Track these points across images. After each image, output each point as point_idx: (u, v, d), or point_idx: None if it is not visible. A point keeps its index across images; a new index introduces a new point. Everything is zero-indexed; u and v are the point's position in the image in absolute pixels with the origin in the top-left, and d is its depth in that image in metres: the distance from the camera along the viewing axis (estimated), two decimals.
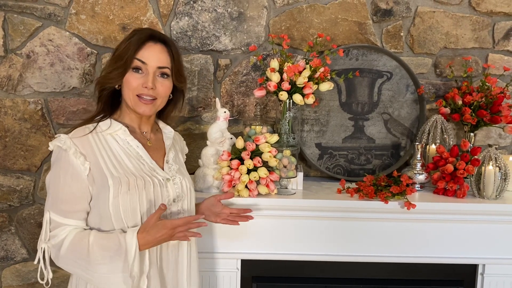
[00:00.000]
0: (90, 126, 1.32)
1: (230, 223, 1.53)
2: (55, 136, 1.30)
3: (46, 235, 1.27)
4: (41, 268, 1.29)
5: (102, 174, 1.26)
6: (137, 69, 1.32)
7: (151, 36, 1.34)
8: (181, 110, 1.54)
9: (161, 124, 1.50)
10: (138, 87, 1.31)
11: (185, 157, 1.61)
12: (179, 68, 1.39)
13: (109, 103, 1.38)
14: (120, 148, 1.32)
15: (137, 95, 1.32)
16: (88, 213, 1.29)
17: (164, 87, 1.35)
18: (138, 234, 1.23)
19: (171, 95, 1.42)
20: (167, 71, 1.35)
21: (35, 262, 1.29)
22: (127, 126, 1.37)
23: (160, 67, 1.33)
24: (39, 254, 1.28)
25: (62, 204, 1.26)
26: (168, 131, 1.48)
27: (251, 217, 1.55)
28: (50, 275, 1.31)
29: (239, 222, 1.54)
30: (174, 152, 1.47)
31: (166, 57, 1.35)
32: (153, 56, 1.32)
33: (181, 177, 1.40)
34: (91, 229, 1.28)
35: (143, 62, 1.31)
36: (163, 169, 1.38)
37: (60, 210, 1.26)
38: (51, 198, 1.28)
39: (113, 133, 1.33)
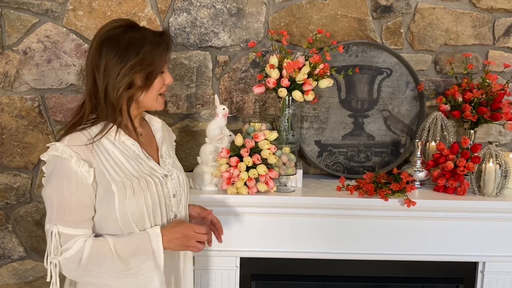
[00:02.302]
0: (86, 133, 1.26)
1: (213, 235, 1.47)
2: (47, 145, 1.25)
3: (57, 250, 1.21)
4: (53, 283, 1.25)
5: (105, 180, 1.23)
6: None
7: (168, 42, 1.31)
8: None
9: (147, 116, 1.46)
10: (162, 87, 1.31)
11: (174, 144, 1.58)
12: None
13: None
14: (117, 150, 1.28)
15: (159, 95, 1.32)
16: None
17: None
18: (162, 231, 1.25)
19: None
20: None
21: (48, 279, 1.24)
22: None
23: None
24: (51, 270, 1.23)
25: (70, 215, 1.21)
26: (156, 123, 1.45)
27: (219, 240, 1.48)
28: None
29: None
30: (166, 145, 1.44)
31: None
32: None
33: (177, 172, 1.39)
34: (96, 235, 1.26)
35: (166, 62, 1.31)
36: (159, 164, 1.36)
37: (69, 222, 1.21)
38: (56, 210, 1.22)
39: (107, 135, 1.28)
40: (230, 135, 1.74)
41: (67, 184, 1.20)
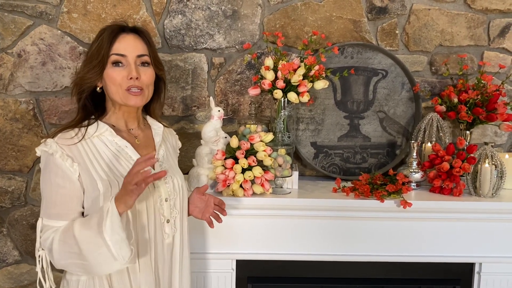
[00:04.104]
0: (78, 131, 1.28)
1: (216, 219, 1.46)
2: (41, 141, 1.27)
3: (38, 241, 1.25)
4: (39, 278, 1.27)
5: (91, 178, 1.24)
6: (117, 63, 1.29)
7: (122, 28, 1.32)
8: (164, 101, 1.49)
9: (150, 120, 1.47)
10: (123, 80, 1.28)
11: (178, 152, 1.59)
12: (156, 55, 1.37)
13: (92, 105, 1.35)
14: (108, 150, 1.30)
15: (125, 90, 1.29)
16: (82, 214, 1.26)
17: (148, 76, 1.32)
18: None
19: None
20: (147, 59, 1.32)
21: (39, 274, 1.26)
22: (113, 126, 1.35)
23: (139, 56, 1.30)
24: (38, 264, 1.26)
25: (54, 208, 1.23)
26: (157, 127, 1.45)
27: (225, 213, 1.48)
28: (52, 285, 1.30)
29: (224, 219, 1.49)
30: (165, 149, 1.44)
31: (142, 45, 1.32)
32: (129, 47, 1.29)
33: (172, 176, 1.38)
34: None
35: (121, 55, 1.28)
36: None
37: (52, 214, 1.23)
38: (45, 204, 1.25)
39: (99, 135, 1.30)
40: (226, 137, 1.74)
41: (54, 177, 1.23)
